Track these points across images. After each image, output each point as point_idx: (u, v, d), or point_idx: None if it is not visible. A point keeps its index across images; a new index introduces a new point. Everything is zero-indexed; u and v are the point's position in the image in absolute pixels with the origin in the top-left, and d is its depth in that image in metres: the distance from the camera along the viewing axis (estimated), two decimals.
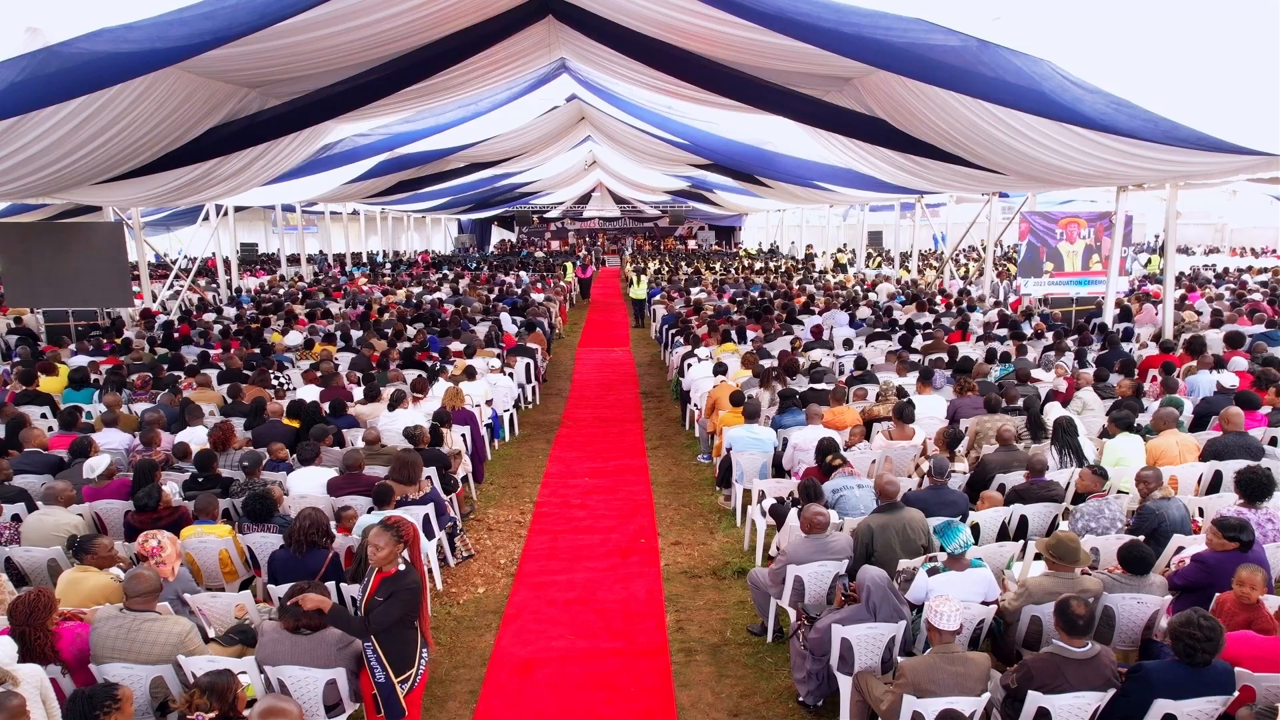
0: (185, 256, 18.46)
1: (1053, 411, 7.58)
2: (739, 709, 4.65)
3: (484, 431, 8.95)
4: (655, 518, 7.40)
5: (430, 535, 6.09)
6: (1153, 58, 7.46)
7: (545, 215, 40.20)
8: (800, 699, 4.57)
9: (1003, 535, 5.66)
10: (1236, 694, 3.56)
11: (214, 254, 20.92)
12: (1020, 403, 7.72)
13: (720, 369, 9.21)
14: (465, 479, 7.86)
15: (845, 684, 4.16)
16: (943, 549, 4.51)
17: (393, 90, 11.38)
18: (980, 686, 3.48)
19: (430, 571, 6.10)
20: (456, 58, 11.03)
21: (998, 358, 9.77)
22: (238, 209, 23.70)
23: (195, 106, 9.37)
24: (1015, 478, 6.08)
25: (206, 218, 19.38)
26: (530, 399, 11.53)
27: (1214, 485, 6.52)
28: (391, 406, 7.95)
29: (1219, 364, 9.28)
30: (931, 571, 4.43)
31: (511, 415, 10.11)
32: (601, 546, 6.84)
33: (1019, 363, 9.68)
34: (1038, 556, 4.75)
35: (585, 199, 39.71)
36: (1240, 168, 9.42)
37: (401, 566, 3.69)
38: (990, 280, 16.77)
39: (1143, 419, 7.24)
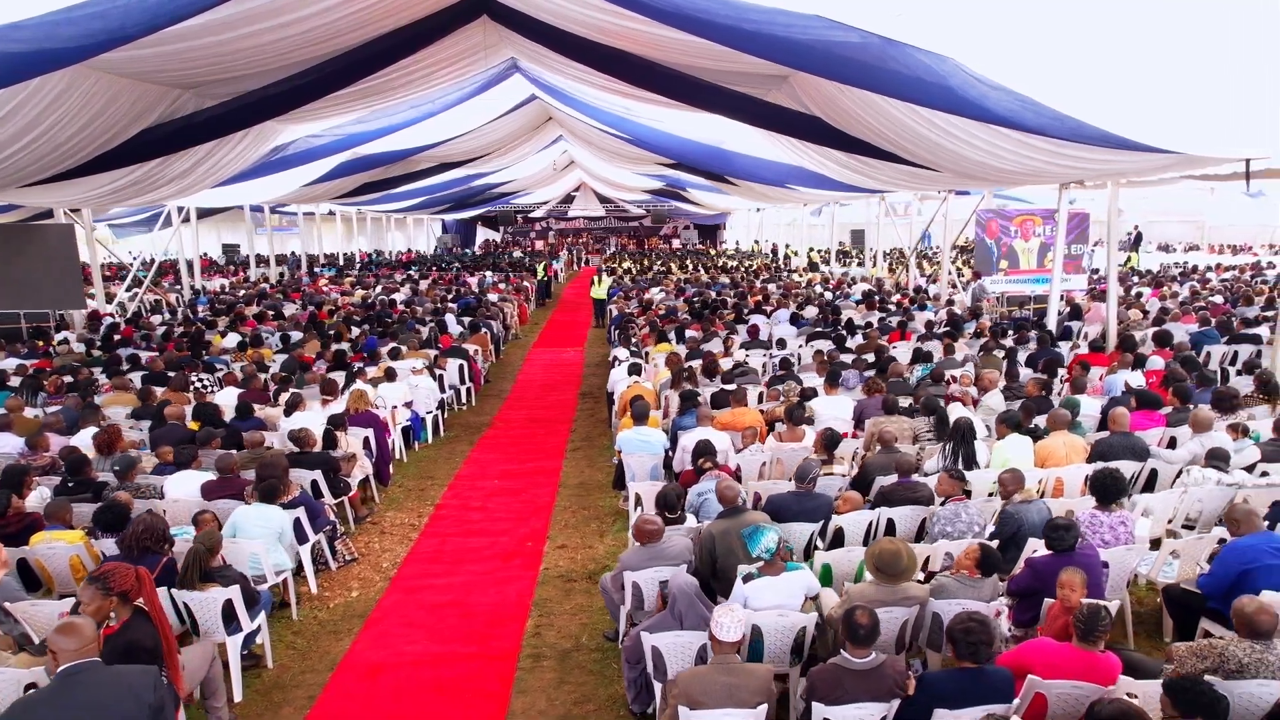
0: (135, 258, 18.42)
1: (955, 413, 7.53)
2: (569, 715, 4.61)
3: (395, 434, 8.93)
4: (550, 521, 7.35)
5: (303, 540, 6.06)
6: (1060, 57, 7.37)
7: (529, 215, 40.20)
8: (630, 705, 4.52)
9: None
10: (1017, 701, 3.51)
11: (176, 256, 20.95)
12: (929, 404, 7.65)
13: (635, 370, 9.16)
14: (366, 481, 7.84)
15: (659, 691, 4.11)
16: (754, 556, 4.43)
17: (332, 89, 11.34)
18: (756, 699, 3.42)
19: (304, 575, 6.10)
20: (393, 57, 10.99)
21: (920, 358, 9.69)
22: (218, 210, 23.85)
23: (123, 107, 9.34)
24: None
25: (169, 220, 19.50)
26: (464, 400, 11.49)
27: None
28: (289, 410, 7.92)
29: (1139, 364, 9.21)
30: (747, 578, 4.38)
31: (436, 417, 10.07)
32: (487, 550, 6.80)
33: (943, 363, 9.61)
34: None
35: (569, 199, 39.68)
36: (1157, 165, 9.35)
37: (127, 616, 3.55)
38: (946, 278, 16.67)
39: (1040, 420, 7.17)
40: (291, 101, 11.33)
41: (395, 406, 9.12)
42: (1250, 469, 6.22)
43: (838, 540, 5.46)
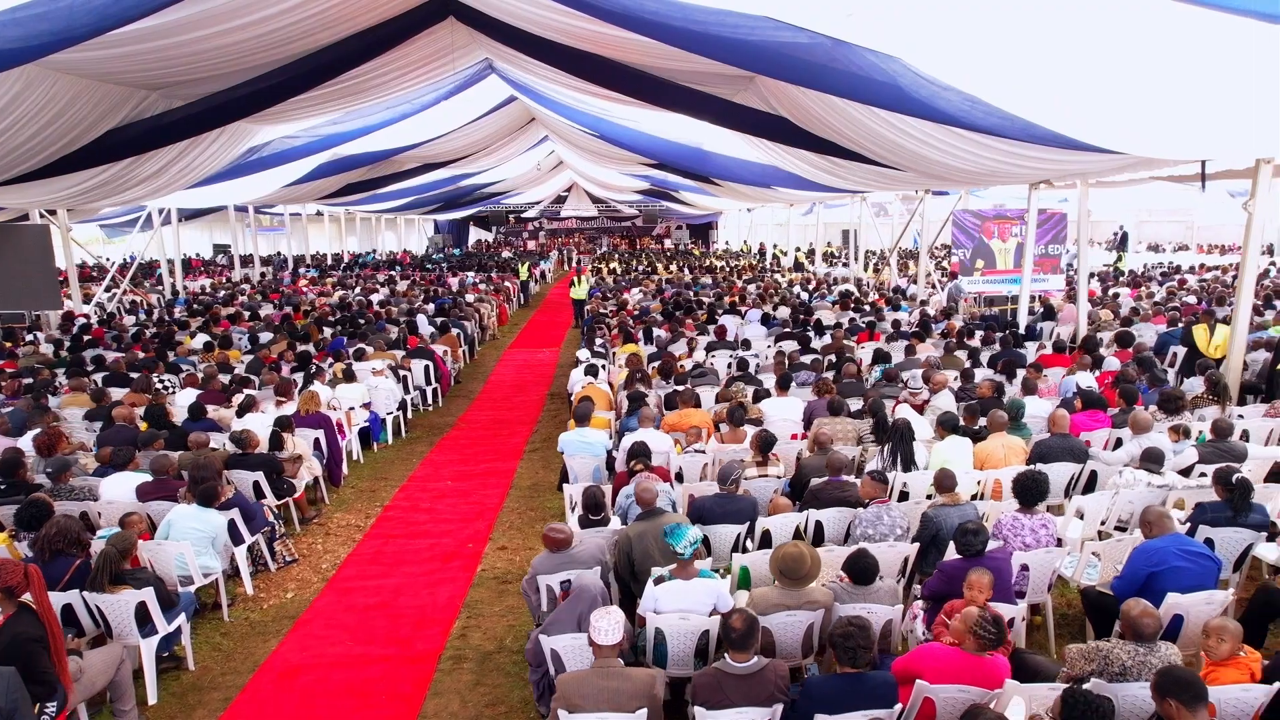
0: (110, 261, 18.45)
1: (903, 415, 7.52)
2: (480, 717, 4.61)
3: (351, 435, 8.93)
4: (495, 522, 7.36)
5: (238, 541, 6.06)
6: (1018, 59, 7.30)
7: (522, 215, 40.21)
8: (538, 707, 4.52)
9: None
10: (900, 706, 3.50)
11: (164, 256, 20.99)
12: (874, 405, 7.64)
13: (591, 371, 9.15)
14: (316, 483, 7.84)
15: None
16: (676, 553, 4.41)
17: (302, 90, 11.35)
18: (635, 703, 3.41)
19: (240, 576, 6.11)
20: (361, 59, 11.00)
21: (879, 358, 9.67)
22: (208, 210, 23.88)
23: (86, 108, 9.35)
24: None
25: (149, 221, 19.53)
26: (430, 401, 11.50)
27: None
28: (241, 412, 7.93)
29: (1097, 365, 9.19)
30: (657, 581, 4.37)
31: (397, 418, 10.07)
32: (428, 552, 6.80)
33: (903, 363, 9.60)
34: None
35: (561, 199, 39.70)
36: (1115, 166, 9.35)
37: (11, 612, 3.55)
38: (924, 278, 16.64)
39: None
40: (261, 102, 11.34)
41: (352, 408, 9.13)
42: (1189, 471, 6.21)
43: (766, 543, 5.45)
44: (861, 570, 4.22)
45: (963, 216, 15.12)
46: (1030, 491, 5.02)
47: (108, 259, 19.96)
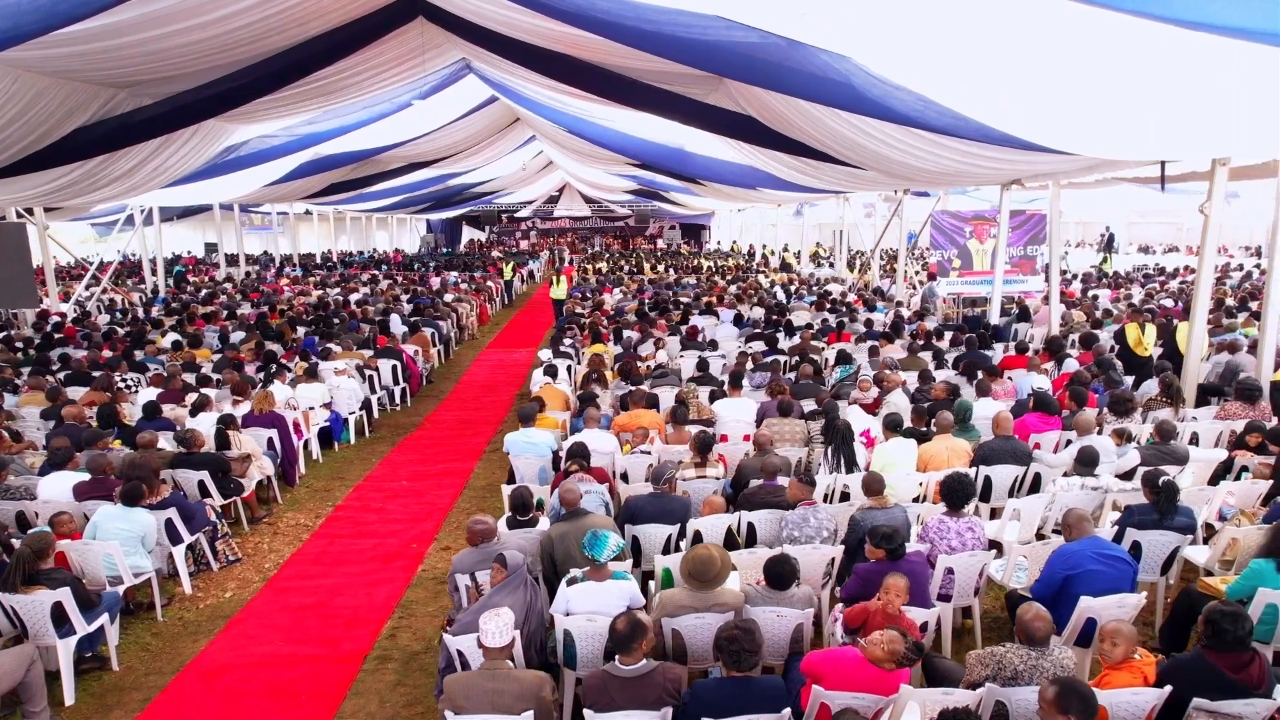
0: (88, 259, 18.47)
1: (852, 416, 7.50)
2: (396, 717, 4.59)
3: (311, 434, 8.92)
4: (443, 522, 7.35)
5: (176, 541, 6.06)
6: (963, 61, 7.27)
7: (515, 215, 40.20)
8: None
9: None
10: (788, 710, 3.48)
11: (152, 254, 21.00)
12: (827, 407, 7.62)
13: (550, 371, 9.14)
14: (269, 482, 7.83)
15: None
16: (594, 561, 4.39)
17: (272, 89, 11.34)
18: (521, 705, 3.39)
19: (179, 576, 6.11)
20: (330, 58, 11.00)
21: (842, 359, 9.65)
22: (199, 210, 23.89)
23: (51, 106, 9.34)
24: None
25: (149, 219, 19.56)
26: (398, 401, 11.49)
27: (985, 490, 6.42)
28: (194, 411, 7.93)
29: (1060, 366, 9.17)
30: (570, 582, 4.35)
31: (360, 418, 10.06)
32: (371, 552, 6.79)
33: (866, 364, 9.57)
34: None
35: (555, 199, 39.68)
36: (1077, 167, 9.32)
37: None
38: (902, 279, 16.61)
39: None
40: (231, 101, 11.33)
41: (312, 407, 9.12)
42: (1132, 474, 6.18)
43: (698, 543, 5.43)
44: (777, 575, 4.20)
45: (941, 218, 15.09)
46: (956, 494, 5.00)
47: (99, 257, 19.97)
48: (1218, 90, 5.49)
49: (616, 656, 3.51)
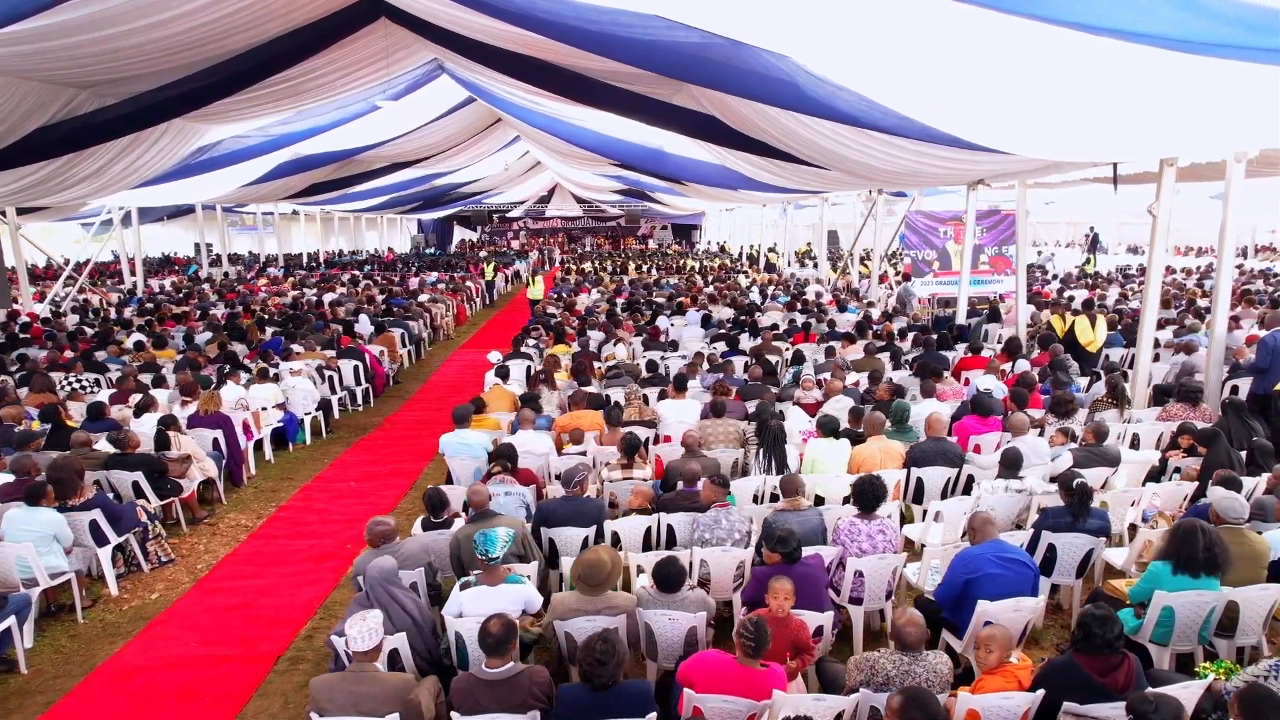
0: (62, 260, 18.49)
1: (791, 417, 7.49)
2: (297, 718, 4.57)
3: (260, 434, 8.91)
4: None
5: (102, 542, 6.05)
6: (907, 63, 7.21)
7: (506, 215, 40.21)
8: None
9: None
10: (653, 715, 3.45)
11: (133, 255, 21.03)
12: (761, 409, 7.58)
13: (501, 373, 9.13)
14: (212, 483, 7.82)
15: None
16: (487, 558, 4.37)
17: (237, 90, 11.33)
18: (386, 708, 3.37)
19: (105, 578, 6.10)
20: (293, 58, 11.00)
21: (797, 359, 9.63)
22: (188, 210, 23.88)
23: (9, 106, 9.35)
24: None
25: (127, 220, 19.59)
26: (359, 401, 11.48)
27: (918, 492, 6.39)
28: (139, 412, 7.92)
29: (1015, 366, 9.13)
30: (464, 585, 4.34)
31: (317, 418, 10.05)
32: (305, 553, 6.77)
33: (822, 365, 9.54)
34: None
35: (546, 199, 39.69)
36: (1033, 168, 9.29)
37: None
38: (876, 279, 16.56)
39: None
40: (196, 101, 11.33)
41: (265, 408, 9.11)
42: None
43: (616, 545, 5.41)
44: (664, 577, 4.18)
45: (915, 218, 15.05)
46: (867, 496, 4.97)
47: (74, 258, 19.96)
48: (1159, 93, 5.45)
49: (484, 659, 3.49)
